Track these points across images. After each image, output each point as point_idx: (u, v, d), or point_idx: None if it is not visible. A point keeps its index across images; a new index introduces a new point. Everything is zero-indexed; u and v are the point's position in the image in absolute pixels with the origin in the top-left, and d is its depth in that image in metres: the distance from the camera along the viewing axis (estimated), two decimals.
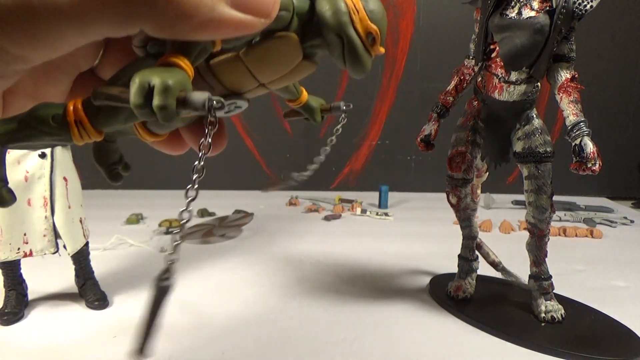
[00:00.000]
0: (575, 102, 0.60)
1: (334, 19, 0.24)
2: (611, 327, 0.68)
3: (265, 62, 0.28)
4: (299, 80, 0.31)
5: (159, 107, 0.19)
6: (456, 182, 0.73)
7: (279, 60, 0.28)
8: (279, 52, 0.27)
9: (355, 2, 0.25)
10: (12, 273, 0.73)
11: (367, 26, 0.25)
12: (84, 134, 0.23)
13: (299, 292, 0.81)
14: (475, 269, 0.78)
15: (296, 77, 0.30)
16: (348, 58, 0.25)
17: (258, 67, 0.28)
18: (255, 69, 0.28)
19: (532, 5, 0.61)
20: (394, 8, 1.63)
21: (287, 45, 0.26)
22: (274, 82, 0.29)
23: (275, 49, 0.27)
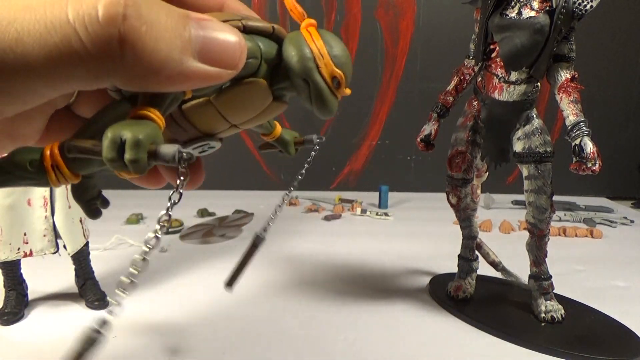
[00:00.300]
0: (575, 102, 0.60)
1: (300, 65, 0.25)
2: (611, 327, 0.68)
3: (236, 105, 0.29)
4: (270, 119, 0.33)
5: (130, 161, 0.20)
6: (456, 182, 0.73)
7: (249, 103, 0.29)
8: (249, 96, 0.28)
9: (320, 47, 0.26)
10: (12, 273, 0.73)
11: (332, 71, 0.26)
12: (61, 178, 0.24)
13: (299, 292, 0.81)
14: (475, 269, 0.78)
15: (267, 117, 0.32)
16: (315, 101, 0.26)
17: (229, 110, 0.29)
18: (227, 112, 0.29)
19: (532, 5, 0.61)
20: (394, 8, 1.63)
21: (256, 90, 0.28)
22: (245, 123, 0.30)
23: (245, 94, 0.28)
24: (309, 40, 0.26)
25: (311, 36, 0.26)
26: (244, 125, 0.31)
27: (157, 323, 0.62)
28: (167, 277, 0.85)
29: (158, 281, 0.84)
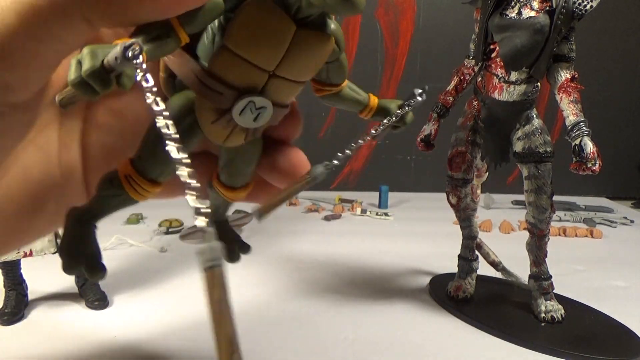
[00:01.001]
0: (575, 102, 0.60)
1: None
2: (611, 327, 0.68)
3: (250, 41, 0.26)
4: (323, 62, 0.29)
5: (87, 73, 0.19)
6: (456, 182, 0.73)
7: (262, 33, 0.26)
8: (257, 22, 0.25)
9: None
10: (12, 273, 0.72)
11: None
12: (138, 187, 0.27)
13: (299, 292, 0.80)
14: (475, 269, 0.78)
15: (311, 58, 0.28)
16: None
17: (247, 49, 0.26)
18: (247, 53, 0.26)
19: (532, 5, 0.61)
20: (394, 8, 1.63)
21: (258, 11, 0.25)
22: (283, 68, 0.27)
23: (251, 21, 0.25)
24: None
25: None
26: (286, 72, 0.27)
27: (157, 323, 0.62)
28: (167, 277, 0.85)
29: (158, 281, 0.84)
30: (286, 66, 0.28)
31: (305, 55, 0.28)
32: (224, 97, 0.27)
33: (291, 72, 0.28)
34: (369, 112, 0.35)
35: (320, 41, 0.28)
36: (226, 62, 0.27)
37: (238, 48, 0.26)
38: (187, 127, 0.28)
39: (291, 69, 0.28)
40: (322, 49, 0.29)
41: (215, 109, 0.27)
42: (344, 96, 0.34)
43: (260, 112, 0.28)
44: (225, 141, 0.30)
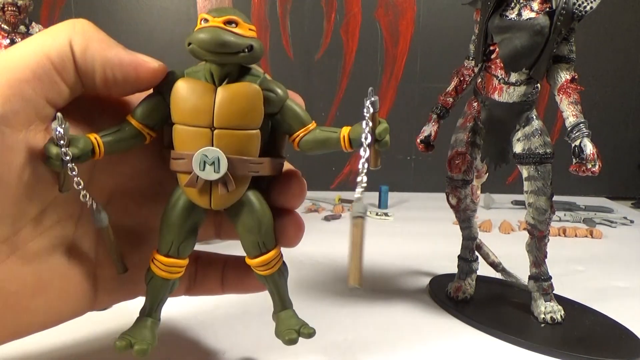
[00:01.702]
0: (575, 103, 0.60)
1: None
2: (611, 328, 0.68)
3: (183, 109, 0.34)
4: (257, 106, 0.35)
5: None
6: (456, 183, 0.73)
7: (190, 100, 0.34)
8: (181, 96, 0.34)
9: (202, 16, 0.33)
10: None
11: None
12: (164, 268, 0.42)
13: (299, 292, 0.80)
14: (475, 269, 0.78)
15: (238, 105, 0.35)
16: None
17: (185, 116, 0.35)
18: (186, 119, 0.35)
19: (532, 7, 0.61)
20: (394, 8, 1.63)
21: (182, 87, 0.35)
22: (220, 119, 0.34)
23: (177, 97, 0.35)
24: None
25: None
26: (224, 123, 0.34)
27: None
28: None
29: None
30: (220, 118, 0.33)
31: (231, 104, 0.34)
32: (185, 161, 0.33)
33: (228, 122, 0.34)
34: (345, 141, 0.43)
35: (241, 90, 0.34)
36: (178, 134, 0.34)
37: (180, 119, 0.34)
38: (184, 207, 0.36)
39: (226, 119, 0.33)
40: (245, 96, 0.34)
41: (187, 175, 0.34)
42: (314, 138, 0.40)
43: (215, 163, 0.33)
44: (212, 204, 0.35)
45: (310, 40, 1.66)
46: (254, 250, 0.42)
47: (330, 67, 1.68)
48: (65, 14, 1.62)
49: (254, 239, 0.40)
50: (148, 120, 0.34)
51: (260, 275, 0.44)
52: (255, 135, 0.35)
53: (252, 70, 0.36)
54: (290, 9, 1.63)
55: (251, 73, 0.36)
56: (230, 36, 0.31)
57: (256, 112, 0.35)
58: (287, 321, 0.47)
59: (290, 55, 1.67)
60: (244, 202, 0.37)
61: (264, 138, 0.37)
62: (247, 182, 0.36)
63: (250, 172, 0.36)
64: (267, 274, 0.45)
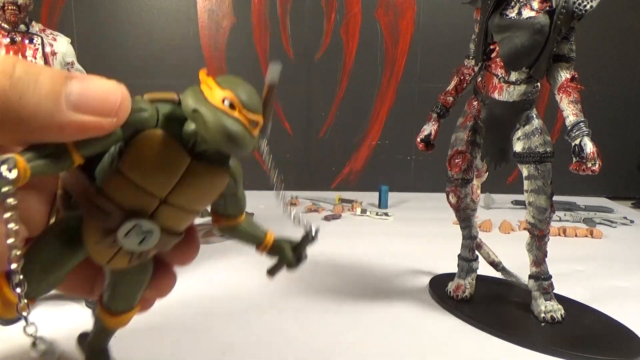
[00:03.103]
0: (575, 102, 0.60)
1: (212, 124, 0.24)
2: (611, 328, 0.68)
3: (143, 167, 0.26)
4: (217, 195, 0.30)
5: None
6: (456, 182, 0.73)
7: (155, 161, 0.26)
8: (152, 154, 0.26)
9: (231, 97, 0.25)
10: None
11: (247, 114, 0.26)
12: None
13: (299, 292, 0.80)
14: (475, 269, 0.78)
15: (204, 190, 0.29)
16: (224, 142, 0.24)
17: (139, 174, 0.26)
18: (138, 178, 0.26)
19: (532, 6, 0.61)
20: (394, 8, 1.64)
21: (157, 145, 0.26)
22: (176, 196, 0.28)
23: (147, 151, 0.26)
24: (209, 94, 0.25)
25: (208, 86, 0.25)
26: (177, 200, 0.28)
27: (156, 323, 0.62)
28: None
29: None
30: (178, 195, 0.28)
31: (198, 186, 0.29)
32: (111, 218, 0.27)
33: (182, 201, 0.28)
34: (264, 249, 0.38)
35: (215, 175, 0.29)
36: (118, 184, 0.27)
37: (131, 173, 0.27)
38: (72, 244, 0.28)
39: (183, 198, 0.28)
40: (215, 183, 0.29)
41: (101, 229, 0.27)
42: (241, 230, 0.36)
43: (147, 237, 0.28)
44: (109, 262, 0.29)
45: (310, 40, 1.66)
46: (118, 307, 0.35)
47: (330, 67, 1.68)
48: (65, 14, 1.63)
49: (126, 301, 0.35)
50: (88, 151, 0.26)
51: (105, 325, 0.37)
52: (195, 216, 0.31)
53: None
54: (290, 9, 1.64)
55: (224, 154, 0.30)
56: (251, 142, 0.26)
57: (213, 197, 0.31)
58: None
59: (290, 55, 1.67)
60: (141, 267, 0.32)
61: None
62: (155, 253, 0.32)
63: (170, 247, 0.31)
64: (117, 327, 0.38)
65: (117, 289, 0.33)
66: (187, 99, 0.25)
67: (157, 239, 0.28)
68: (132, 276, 0.32)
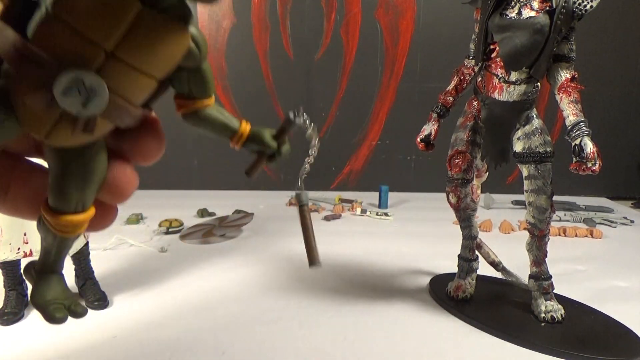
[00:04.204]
0: (575, 102, 0.60)
1: None
2: (611, 327, 0.68)
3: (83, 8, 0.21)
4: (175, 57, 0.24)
5: None
6: (456, 182, 0.73)
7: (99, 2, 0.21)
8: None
9: None
10: (12, 273, 0.72)
11: None
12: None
13: (299, 291, 0.80)
14: (475, 269, 0.77)
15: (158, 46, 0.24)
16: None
17: (79, 17, 0.21)
18: (78, 21, 0.21)
19: (532, 6, 0.61)
20: (394, 8, 1.63)
21: None
22: (125, 48, 0.23)
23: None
24: None
25: None
26: (127, 55, 0.23)
27: (156, 323, 0.62)
28: (167, 277, 0.85)
29: (158, 281, 0.84)
30: (127, 48, 0.23)
31: (151, 41, 0.24)
32: (45, 69, 0.22)
33: (134, 57, 0.23)
34: (239, 140, 0.30)
35: (172, 30, 0.24)
36: (53, 31, 0.22)
37: (67, 14, 0.22)
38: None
39: (134, 52, 0.23)
40: (173, 39, 0.24)
41: (34, 87, 0.22)
42: (209, 116, 0.29)
43: (91, 96, 0.23)
44: (48, 136, 0.24)
45: (310, 40, 1.66)
46: (67, 207, 0.27)
47: (330, 67, 1.68)
48: None
49: (74, 195, 0.27)
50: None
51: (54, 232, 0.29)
52: (153, 84, 0.25)
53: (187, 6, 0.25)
54: (290, 9, 1.63)
55: (186, 9, 0.24)
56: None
57: (171, 61, 0.25)
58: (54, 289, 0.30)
59: (290, 55, 1.67)
60: (88, 150, 0.26)
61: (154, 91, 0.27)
62: (108, 129, 0.26)
63: (123, 123, 0.26)
64: (66, 236, 0.29)
65: (62, 181, 0.27)
66: None
67: (105, 101, 0.23)
68: (79, 162, 0.26)
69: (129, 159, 0.27)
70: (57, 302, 0.28)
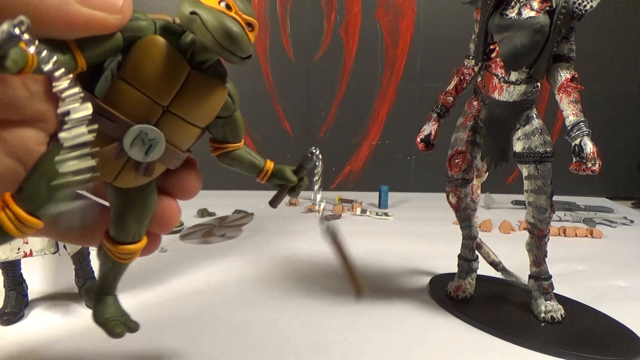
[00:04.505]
0: (575, 102, 0.60)
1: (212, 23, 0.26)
2: (611, 328, 0.68)
3: (144, 72, 0.27)
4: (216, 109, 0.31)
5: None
6: (456, 182, 0.73)
7: (157, 68, 0.27)
8: (152, 56, 0.27)
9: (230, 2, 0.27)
10: (12, 273, 0.73)
11: (245, 19, 0.28)
12: (15, 221, 0.25)
13: (299, 292, 0.80)
14: (475, 269, 0.78)
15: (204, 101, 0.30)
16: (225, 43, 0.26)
17: (142, 81, 0.27)
18: (142, 85, 0.27)
19: (532, 6, 0.61)
20: (394, 8, 1.64)
21: (153, 47, 0.27)
22: (178, 105, 0.29)
23: (147, 56, 0.27)
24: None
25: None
26: (180, 110, 0.29)
27: (156, 323, 0.62)
28: (167, 277, 0.85)
29: (158, 281, 0.84)
30: (180, 104, 0.29)
31: (198, 97, 0.30)
32: (116, 126, 0.27)
33: (185, 111, 0.29)
34: (265, 176, 0.38)
35: (214, 87, 0.30)
36: (121, 93, 0.27)
37: (134, 80, 0.27)
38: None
39: (185, 107, 0.29)
40: (215, 95, 0.30)
41: (107, 139, 0.27)
42: (239, 157, 0.36)
43: (152, 145, 0.28)
44: (116, 179, 0.30)
45: (310, 40, 1.66)
46: (126, 237, 0.34)
47: (330, 67, 1.68)
48: None
49: (133, 228, 0.34)
50: (91, 54, 0.26)
51: (112, 259, 0.35)
52: (198, 132, 0.32)
53: (223, 66, 0.32)
54: (290, 9, 1.63)
55: (223, 69, 0.32)
56: (248, 43, 0.28)
57: (212, 113, 0.32)
58: (111, 308, 0.40)
59: (290, 55, 1.67)
60: (144, 190, 0.32)
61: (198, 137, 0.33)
62: (161, 172, 0.32)
63: (173, 165, 0.32)
64: (123, 262, 0.37)
65: (124, 216, 0.33)
66: (183, 6, 0.26)
67: (162, 149, 0.29)
68: (138, 200, 0.32)
69: (173, 195, 0.33)
70: (115, 319, 0.38)
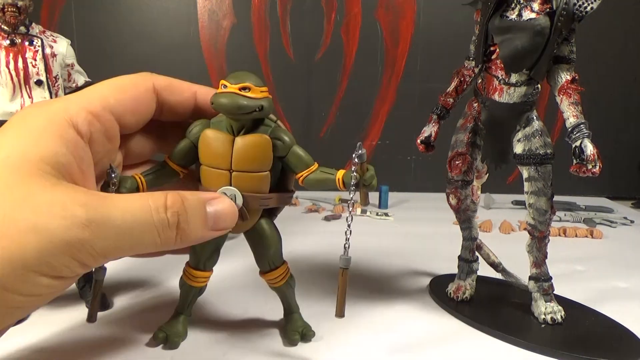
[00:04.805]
0: (575, 104, 0.60)
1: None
2: (611, 329, 0.68)
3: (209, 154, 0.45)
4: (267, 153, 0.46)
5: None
6: (456, 184, 0.73)
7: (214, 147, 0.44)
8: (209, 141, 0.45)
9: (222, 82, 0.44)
10: None
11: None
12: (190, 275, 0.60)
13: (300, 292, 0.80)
14: (475, 270, 0.78)
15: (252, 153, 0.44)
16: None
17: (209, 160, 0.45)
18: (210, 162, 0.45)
19: (533, 7, 0.61)
20: (394, 8, 1.63)
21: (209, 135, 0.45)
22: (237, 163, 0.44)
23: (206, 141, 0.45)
24: None
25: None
26: (240, 167, 0.44)
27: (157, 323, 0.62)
28: (167, 277, 0.85)
29: (158, 281, 0.84)
30: (237, 163, 0.43)
31: (246, 152, 0.43)
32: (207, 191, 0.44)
33: (244, 166, 0.44)
34: (340, 183, 0.53)
35: (256, 141, 0.44)
36: (204, 173, 0.45)
37: (205, 161, 0.44)
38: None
39: (242, 163, 0.43)
40: (260, 146, 0.44)
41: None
42: (314, 179, 0.51)
43: (236, 198, 0.44)
44: (234, 228, 0.44)
45: (310, 41, 1.66)
46: (265, 267, 0.53)
47: (330, 67, 1.67)
48: (65, 15, 1.62)
49: (265, 259, 0.52)
50: (182, 161, 0.46)
51: (272, 287, 0.55)
52: (265, 176, 0.45)
53: (266, 120, 0.45)
54: (290, 9, 1.63)
55: (264, 123, 0.45)
56: (244, 100, 0.41)
57: (266, 158, 0.45)
58: (294, 323, 0.57)
59: (290, 55, 1.67)
60: (257, 229, 0.49)
61: (275, 176, 0.47)
62: (259, 213, 0.48)
63: (261, 205, 0.46)
64: (276, 286, 0.55)
65: (257, 251, 0.53)
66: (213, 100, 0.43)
67: (242, 198, 0.44)
68: (259, 238, 0.51)
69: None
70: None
